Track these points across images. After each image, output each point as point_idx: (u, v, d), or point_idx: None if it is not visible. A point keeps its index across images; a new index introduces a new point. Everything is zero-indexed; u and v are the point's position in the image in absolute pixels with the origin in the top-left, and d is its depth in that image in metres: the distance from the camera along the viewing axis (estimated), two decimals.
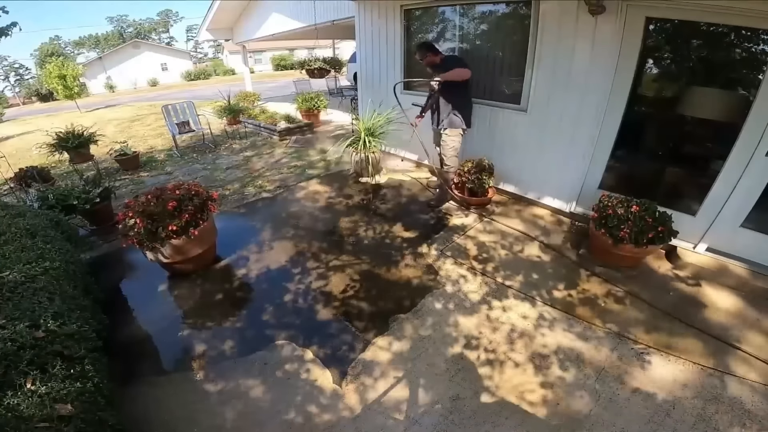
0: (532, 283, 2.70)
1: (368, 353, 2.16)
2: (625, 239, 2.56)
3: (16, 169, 4.72)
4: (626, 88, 2.81)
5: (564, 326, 2.31)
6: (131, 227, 2.55)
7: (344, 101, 9.53)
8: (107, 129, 9.09)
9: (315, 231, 3.54)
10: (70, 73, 15.36)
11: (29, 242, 2.18)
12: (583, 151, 3.20)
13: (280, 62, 31.90)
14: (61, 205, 3.37)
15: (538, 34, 3.16)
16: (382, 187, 4.45)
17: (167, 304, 2.69)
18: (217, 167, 5.61)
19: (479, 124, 3.98)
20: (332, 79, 11.30)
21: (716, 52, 2.59)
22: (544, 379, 1.97)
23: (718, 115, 2.67)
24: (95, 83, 30.19)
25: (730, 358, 2.04)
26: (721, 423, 1.71)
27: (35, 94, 28.91)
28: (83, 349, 1.57)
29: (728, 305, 2.42)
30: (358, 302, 2.58)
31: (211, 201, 2.90)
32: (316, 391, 1.95)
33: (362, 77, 5.40)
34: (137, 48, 33.94)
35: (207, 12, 9.97)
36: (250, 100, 9.96)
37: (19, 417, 1.13)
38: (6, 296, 1.63)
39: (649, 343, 2.15)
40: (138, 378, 2.06)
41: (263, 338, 2.30)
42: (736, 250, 2.68)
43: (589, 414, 1.78)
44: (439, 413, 1.81)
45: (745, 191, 2.47)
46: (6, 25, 3.64)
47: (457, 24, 3.88)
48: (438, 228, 3.48)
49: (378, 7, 4.60)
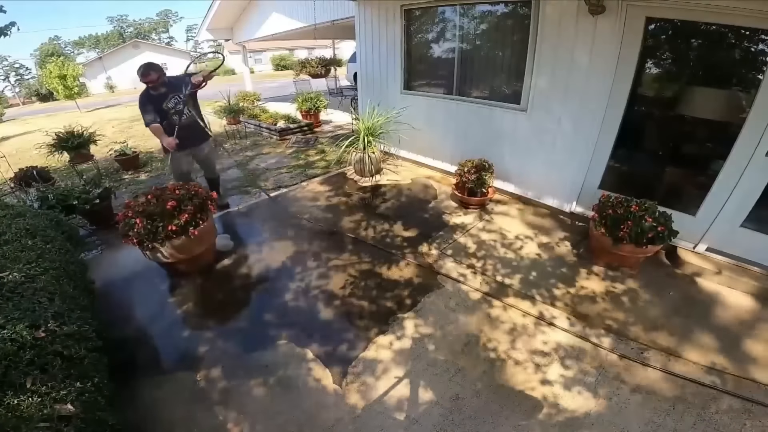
0: (532, 282, 2.70)
1: (369, 352, 2.16)
2: (624, 239, 2.56)
3: (16, 169, 4.72)
4: (626, 88, 2.81)
5: (564, 325, 2.31)
6: (131, 227, 2.55)
7: (344, 101, 9.52)
8: (107, 129, 9.09)
9: (315, 230, 3.54)
10: (70, 73, 15.39)
11: (29, 242, 2.17)
12: (583, 150, 3.20)
13: (280, 62, 31.89)
14: (61, 205, 3.37)
15: (538, 35, 3.16)
16: (382, 187, 4.45)
17: (167, 303, 2.69)
18: (217, 167, 5.60)
19: (479, 124, 3.99)
20: (332, 79, 11.29)
21: (716, 52, 2.58)
22: (545, 379, 1.97)
23: (718, 115, 2.67)
24: (95, 83, 30.18)
25: (730, 357, 2.04)
26: (722, 423, 1.71)
27: (35, 94, 28.91)
28: (83, 349, 1.57)
29: (729, 305, 2.42)
30: (358, 301, 2.58)
31: (211, 201, 2.90)
32: (317, 391, 1.95)
33: (362, 77, 5.39)
34: (137, 48, 33.90)
35: (207, 12, 9.97)
36: (250, 100, 9.96)
37: (20, 417, 1.13)
38: (6, 296, 1.63)
39: (649, 342, 2.15)
40: (138, 378, 2.06)
41: (263, 338, 2.30)
42: (736, 250, 2.68)
43: (590, 413, 1.78)
44: (439, 413, 1.81)
45: (745, 191, 2.48)
46: (5, 25, 3.63)
47: (457, 24, 3.88)
48: (438, 227, 3.48)
49: (378, 7, 4.60)
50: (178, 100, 3.27)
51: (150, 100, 3.21)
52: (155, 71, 3.16)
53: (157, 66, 3.24)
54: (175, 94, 3.27)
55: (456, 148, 4.31)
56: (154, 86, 3.18)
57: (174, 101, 3.28)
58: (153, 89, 3.21)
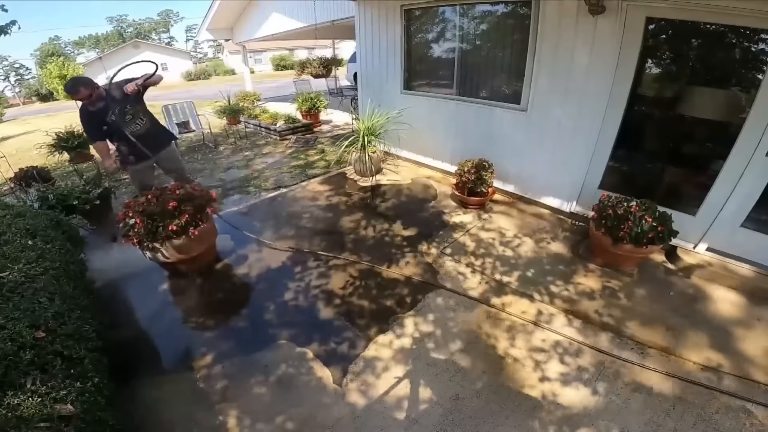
0: (531, 281, 2.70)
1: (369, 352, 2.16)
2: (624, 239, 2.56)
3: (16, 169, 4.72)
4: (626, 88, 2.81)
5: (563, 324, 2.31)
6: (131, 227, 2.55)
7: (344, 101, 9.52)
8: None
9: (315, 230, 3.54)
10: (71, 73, 15.39)
11: (29, 242, 2.17)
12: (583, 150, 3.20)
13: (280, 62, 31.90)
14: (61, 206, 3.37)
15: (538, 35, 3.16)
16: (382, 187, 4.45)
17: (167, 304, 2.69)
18: (218, 167, 5.62)
19: (479, 123, 3.99)
20: (332, 79, 11.29)
21: (716, 52, 2.58)
22: (544, 378, 1.97)
23: (718, 115, 2.67)
24: None
25: (730, 357, 2.04)
26: (722, 423, 1.71)
27: (35, 94, 28.94)
28: (83, 349, 1.57)
29: (729, 305, 2.42)
30: (358, 300, 2.59)
31: (211, 201, 2.90)
32: (317, 390, 1.95)
33: (362, 77, 5.40)
34: (137, 48, 33.93)
35: (207, 12, 9.97)
36: (250, 100, 9.96)
37: (20, 417, 1.13)
38: (6, 296, 1.63)
39: (649, 342, 2.15)
40: (138, 378, 2.06)
41: (264, 337, 2.30)
42: (736, 250, 2.68)
43: (589, 413, 1.78)
44: (439, 413, 1.81)
45: (745, 191, 2.48)
46: (5, 24, 3.64)
47: (457, 24, 3.88)
48: (438, 227, 3.48)
49: (378, 7, 4.60)
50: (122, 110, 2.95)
51: (91, 117, 2.89)
52: (85, 86, 2.79)
53: (85, 80, 2.89)
54: (117, 106, 2.92)
55: (456, 147, 4.31)
56: (90, 102, 2.85)
57: (118, 112, 2.93)
58: (90, 105, 2.87)
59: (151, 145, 3.14)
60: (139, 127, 3.06)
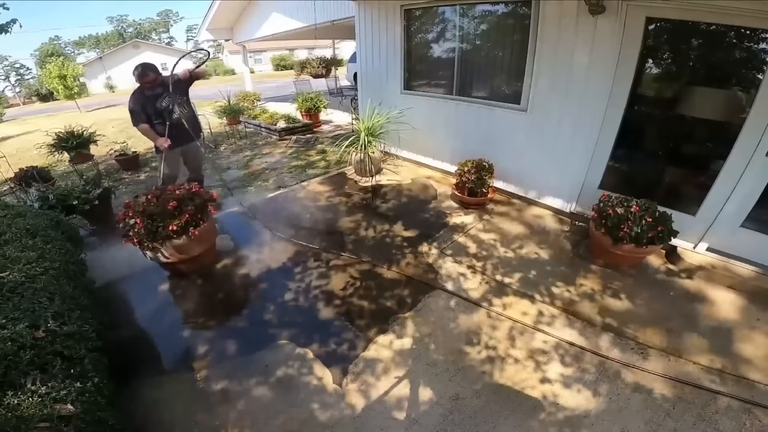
0: (531, 281, 2.70)
1: (369, 352, 2.16)
2: (624, 239, 2.56)
3: (16, 169, 4.72)
4: (626, 88, 2.81)
5: (563, 325, 2.31)
6: (131, 227, 2.55)
7: (344, 101, 9.52)
8: (107, 129, 9.08)
9: (315, 230, 3.54)
10: (71, 73, 15.40)
11: (29, 242, 2.17)
12: (583, 150, 3.20)
13: (280, 62, 31.88)
14: (62, 206, 3.37)
15: (538, 35, 3.16)
16: (383, 187, 4.45)
17: (167, 304, 2.69)
18: (218, 167, 5.61)
19: (479, 124, 3.98)
20: (332, 79, 11.29)
21: (716, 52, 2.58)
22: (544, 378, 1.97)
23: (718, 115, 2.67)
24: (95, 83, 30.20)
25: (730, 357, 2.04)
26: (722, 423, 1.71)
27: (35, 94, 28.94)
28: (83, 349, 1.57)
29: (729, 305, 2.42)
30: (359, 301, 2.58)
31: (211, 201, 2.90)
32: (317, 391, 1.95)
33: (362, 77, 5.39)
34: (137, 48, 33.92)
35: (207, 12, 9.97)
36: (250, 100, 9.96)
37: (20, 417, 1.13)
38: (6, 296, 1.63)
39: (649, 342, 2.15)
40: (138, 378, 2.06)
41: (264, 338, 2.30)
42: (736, 250, 2.68)
43: (589, 413, 1.78)
44: (439, 413, 1.81)
45: (746, 191, 2.47)
46: (6, 22, 3.64)
47: (457, 24, 3.88)
48: (438, 227, 3.48)
49: (378, 7, 4.60)
50: (172, 98, 3.26)
51: (145, 100, 3.21)
52: (153, 71, 3.17)
53: (153, 66, 3.25)
54: (168, 93, 3.26)
55: (456, 148, 4.31)
56: (151, 86, 3.18)
57: (168, 100, 3.26)
58: (149, 89, 3.20)
59: (187, 133, 3.45)
60: (178, 115, 3.32)
